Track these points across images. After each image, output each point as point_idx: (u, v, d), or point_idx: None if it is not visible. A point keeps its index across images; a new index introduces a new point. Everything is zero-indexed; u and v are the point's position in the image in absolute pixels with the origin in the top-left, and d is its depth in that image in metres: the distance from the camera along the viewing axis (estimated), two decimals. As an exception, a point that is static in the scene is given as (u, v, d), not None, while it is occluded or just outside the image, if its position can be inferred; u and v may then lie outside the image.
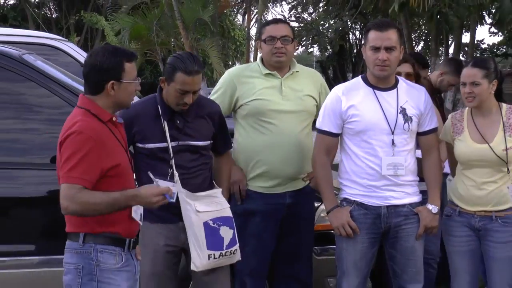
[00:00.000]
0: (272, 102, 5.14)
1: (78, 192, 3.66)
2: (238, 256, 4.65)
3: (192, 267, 4.50)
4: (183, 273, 4.92)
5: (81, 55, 8.03)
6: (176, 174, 4.54)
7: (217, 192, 4.68)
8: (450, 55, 17.93)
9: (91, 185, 3.70)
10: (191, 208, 4.48)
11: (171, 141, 4.60)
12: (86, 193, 3.69)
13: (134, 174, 4.18)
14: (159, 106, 4.65)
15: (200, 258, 4.46)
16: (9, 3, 35.08)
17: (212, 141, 4.78)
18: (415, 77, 5.68)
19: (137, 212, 3.99)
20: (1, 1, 35.09)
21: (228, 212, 4.62)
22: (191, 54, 4.76)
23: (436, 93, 6.63)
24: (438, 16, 12.92)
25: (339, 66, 33.15)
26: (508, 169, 4.85)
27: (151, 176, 4.04)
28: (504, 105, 4.98)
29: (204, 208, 4.53)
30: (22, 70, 5.30)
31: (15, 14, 34.19)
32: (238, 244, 4.61)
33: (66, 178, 3.68)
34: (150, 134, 4.61)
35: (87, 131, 3.73)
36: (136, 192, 3.82)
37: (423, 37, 19.44)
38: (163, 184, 4.22)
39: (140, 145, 4.61)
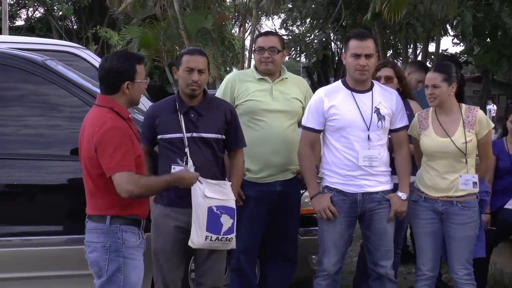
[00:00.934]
0: (263, 103, 5.15)
1: (137, 177, 3.80)
2: (233, 245, 4.58)
3: (189, 243, 4.46)
4: (187, 249, 4.92)
5: (98, 62, 8.01)
6: (190, 161, 4.52)
7: (227, 184, 4.62)
8: (419, 62, 17.94)
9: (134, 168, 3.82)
10: (200, 191, 4.43)
11: (186, 133, 4.60)
12: (144, 178, 3.88)
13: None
14: (176, 103, 4.67)
15: (197, 237, 4.43)
16: (36, 16, 35.05)
17: (224, 136, 4.75)
18: (399, 80, 5.68)
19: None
20: (29, 14, 35.06)
21: (232, 204, 4.56)
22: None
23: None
24: (407, 28, 12.92)
25: (322, 71, 33.30)
26: (466, 160, 4.88)
27: (176, 164, 4.41)
28: (463, 105, 5.00)
29: (212, 194, 4.47)
30: (45, 74, 5.31)
31: (41, 26, 34.15)
32: (235, 234, 4.56)
33: (120, 167, 3.75)
34: (168, 126, 4.63)
35: (121, 127, 3.81)
36: (181, 175, 4.12)
37: (392, 46, 19.49)
38: (178, 169, 4.42)
39: (160, 136, 4.63)
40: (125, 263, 3.85)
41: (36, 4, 32.78)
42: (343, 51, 4.97)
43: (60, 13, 32.80)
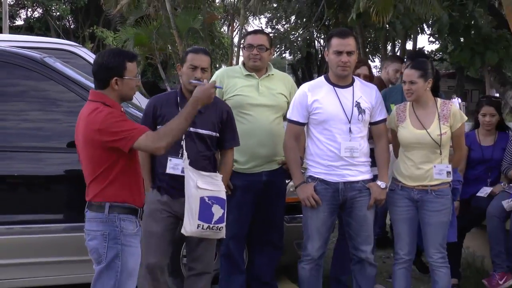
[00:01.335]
0: (250, 98, 5.16)
1: (155, 133, 3.89)
2: (223, 234, 4.61)
3: (182, 231, 4.49)
4: (178, 236, 4.93)
5: (93, 59, 8.00)
6: (185, 153, 4.54)
7: (218, 176, 4.64)
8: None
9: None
10: (193, 182, 4.46)
11: None
12: (160, 129, 3.95)
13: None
14: (178, 97, 4.70)
15: (190, 225, 4.45)
16: (35, 16, 34.89)
17: (218, 134, 4.76)
18: (370, 78, 5.70)
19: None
20: (28, 14, 34.91)
21: (223, 195, 4.59)
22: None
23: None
24: (387, 26, 12.95)
25: (306, 68, 33.35)
26: (440, 151, 4.90)
27: (173, 156, 4.56)
28: (439, 100, 5.02)
29: (204, 185, 4.51)
30: (43, 71, 5.32)
31: (40, 25, 33.97)
32: (225, 223, 4.58)
33: (135, 135, 3.76)
34: (168, 117, 4.53)
35: (115, 108, 3.82)
36: (195, 97, 4.12)
37: (372, 43, 19.52)
38: (176, 161, 4.55)
39: (160, 126, 4.58)
40: (123, 250, 3.85)
41: (34, 5, 32.62)
42: (325, 48, 4.98)
43: (58, 13, 32.66)
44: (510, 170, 6.04)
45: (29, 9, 34.36)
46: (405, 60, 5.95)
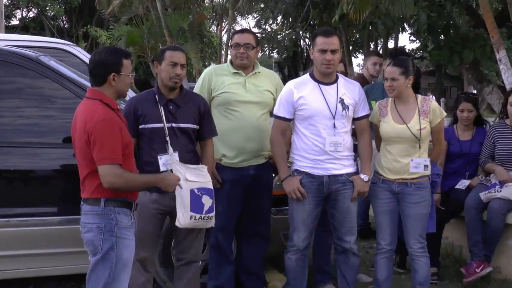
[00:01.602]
0: (237, 95, 5.16)
1: (121, 171, 3.76)
2: (213, 223, 4.63)
3: (176, 223, 4.50)
4: (165, 231, 4.96)
5: (87, 57, 7.97)
6: (171, 148, 4.57)
7: (204, 168, 4.65)
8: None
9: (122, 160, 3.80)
10: (181, 176, 4.44)
11: (166, 123, 4.63)
12: (127, 173, 3.81)
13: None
14: (156, 95, 4.69)
15: (183, 217, 4.47)
16: (30, 16, 34.75)
17: (198, 126, 4.78)
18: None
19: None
20: (24, 14, 34.75)
21: (210, 185, 4.61)
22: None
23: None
24: (370, 26, 12.99)
25: (292, 66, 33.34)
26: (420, 145, 4.92)
27: (162, 154, 4.55)
28: (419, 96, 5.05)
29: (192, 178, 4.52)
30: (38, 69, 5.30)
31: (35, 25, 33.80)
32: (214, 212, 4.60)
33: (107, 160, 3.73)
34: (150, 117, 4.64)
35: (111, 118, 3.78)
36: (164, 177, 4.09)
37: (355, 42, 19.55)
38: (165, 158, 4.53)
39: (142, 126, 4.62)
40: (118, 242, 3.84)
41: (30, 5, 32.46)
42: (311, 47, 4.98)
43: (52, 13, 32.53)
44: (487, 163, 6.07)
45: (24, 9, 34.21)
46: (387, 58, 5.97)
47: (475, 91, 11.18)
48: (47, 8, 32.03)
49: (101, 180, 3.74)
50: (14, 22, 36.16)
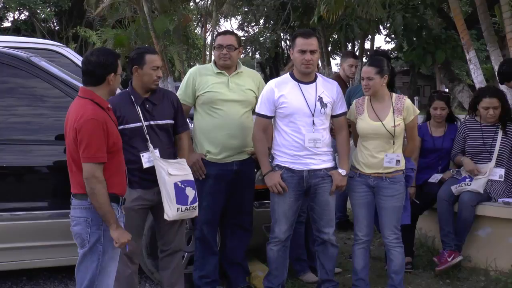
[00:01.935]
0: (221, 94, 5.15)
1: (103, 178, 3.75)
2: (196, 212, 4.68)
3: (165, 217, 4.53)
4: (151, 224, 5.02)
5: (77, 58, 7.96)
6: (151, 146, 4.57)
7: (184, 161, 4.69)
8: (357, 58, 17.99)
9: (106, 159, 3.77)
10: (164, 171, 4.50)
11: (144, 121, 4.63)
12: (104, 190, 3.74)
13: None
14: (131, 96, 4.68)
15: (171, 210, 4.50)
16: (22, 18, 34.53)
17: (174, 121, 4.80)
18: None
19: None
20: (15, 17, 34.53)
21: (191, 177, 4.65)
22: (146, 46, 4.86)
23: (347, 84, 6.70)
24: (347, 28, 13.03)
25: (274, 66, 33.39)
26: (394, 141, 4.94)
27: (144, 151, 4.54)
28: (394, 94, 5.07)
29: (175, 172, 4.56)
30: (30, 69, 5.29)
31: (26, 27, 33.59)
32: (197, 202, 4.64)
33: (92, 159, 3.72)
34: (128, 117, 4.62)
35: (98, 117, 3.76)
36: (119, 227, 3.85)
37: (333, 43, 19.60)
38: (147, 155, 4.55)
39: (122, 126, 4.56)
40: (105, 235, 3.82)
41: (21, 8, 32.26)
42: (291, 47, 4.98)
43: (43, 16, 32.33)
44: (456, 156, 6.09)
45: (16, 12, 33.98)
46: (367, 59, 5.99)
47: (447, 90, 11.24)
48: (38, 11, 31.82)
49: (84, 174, 3.73)
50: (6, 24, 35.92)
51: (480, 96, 6.09)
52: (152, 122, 4.67)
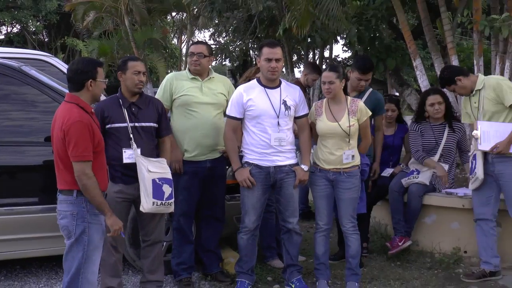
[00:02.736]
0: (195, 97, 5.14)
1: (92, 174, 3.72)
2: (172, 208, 4.67)
3: (141, 209, 4.53)
4: (133, 217, 4.96)
5: (64, 67, 7.86)
6: (134, 144, 4.57)
7: (164, 160, 4.68)
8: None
9: (92, 158, 3.74)
10: (144, 168, 4.50)
11: (129, 122, 4.61)
12: (95, 182, 3.73)
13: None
14: (120, 99, 4.68)
15: (146, 203, 4.49)
16: (14, 31, 34.13)
17: (157, 125, 4.77)
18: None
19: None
20: (8, 30, 34.08)
21: (169, 176, 4.63)
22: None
23: (305, 89, 6.70)
24: (309, 38, 13.06)
25: (243, 72, 33.29)
26: (349, 140, 4.95)
27: (126, 148, 4.52)
28: (349, 98, 5.09)
29: (154, 169, 4.54)
30: (21, 77, 5.25)
31: (18, 39, 33.16)
32: (173, 199, 4.62)
33: (80, 157, 3.68)
34: (115, 118, 4.62)
35: (84, 120, 3.72)
36: (113, 215, 3.86)
37: (296, 52, 19.62)
38: (129, 152, 4.54)
39: (109, 126, 4.60)
40: (89, 227, 3.79)
41: (13, 22, 31.86)
42: (258, 56, 4.97)
43: (34, 29, 31.94)
44: (425, 158, 5.99)
45: (9, 26, 33.49)
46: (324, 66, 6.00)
47: (397, 93, 11.32)
48: (29, 24, 31.40)
49: (75, 173, 3.70)
50: (0, 37, 35.43)
51: (425, 95, 6.15)
52: (136, 124, 4.65)
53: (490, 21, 6.52)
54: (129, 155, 4.58)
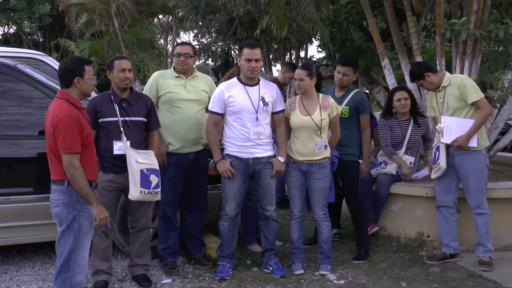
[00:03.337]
0: (179, 94, 5.13)
1: (79, 165, 3.69)
2: (159, 196, 4.66)
3: (129, 196, 4.53)
4: (122, 205, 4.93)
5: (57, 65, 7.75)
6: (124, 137, 4.56)
7: (152, 152, 4.66)
8: (293, 65, 17.98)
9: (80, 150, 3.71)
10: (133, 159, 4.49)
11: (120, 117, 4.61)
12: (82, 173, 3.70)
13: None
14: (111, 95, 4.68)
15: (135, 192, 4.49)
16: (10, 32, 33.68)
17: (146, 119, 4.76)
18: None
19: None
20: (5, 31, 33.64)
21: (156, 167, 4.62)
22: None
23: (282, 86, 6.70)
24: (286, 39, 13.06)
25: (225, 71, 33.24)
26: (321, 133, 4.97)
27: (117, 140, 4.51)
28: (320, 94, 5.11)
29: (142, 160, 4.54)
30: (16, 75, 5.20)
31: (15, 39, 32.77)
32: (160, 188, 4.61)
33: (68, 149, 3.66)
34: (106, 112, 4.62)
35: (73, 115, 3.69)
36: (99, 205, 3.83)
37: (274, 52, 19.63)
38: (119, 144, 4.52)
39: (101, 120, 4.60)
40: (80, 215, 3.77)
41: (9, 23, 31.46)
42: (239, 56, 4.96)
43: (29, 29, 31.59)
44: (393, 154, 6.05)
45: (6, 26, 33.07)
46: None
47: (367, 91, 11.37)
48: (23, 26, 31.03)
49: (63, 164, 3.69)
50: (-3, 37, 35.05)
51: (393, 92, 6.21)
52: (127, 118, 4.65)
53: (451, 25, 6.57)
54: (119, 147, 4.57)
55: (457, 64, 6.97)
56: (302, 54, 16.54)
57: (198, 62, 25.74)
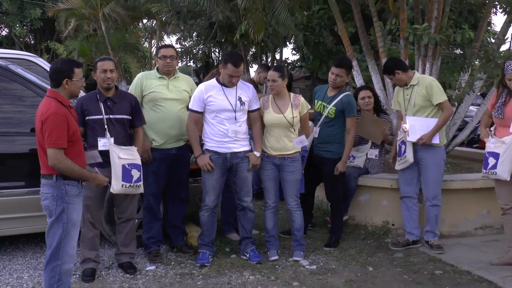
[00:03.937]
0: (162, 94, 5.12)
1: (64, 157, 3.65)
2: (141, 190, 4.61)
3: (111, 190, 4.48)
4: (109, 197, 4.90)
5: (47, 66, 7.67)
6: (108, 134, 4.54)
7: (134, 148, 4.62)
8: (270, 66, 18.01)
9: (66, 146, 3.67)
10: (116, 154, 4.46)
11: (104, 115, 4.58)
12: (69, 161, 3.67)
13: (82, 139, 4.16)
14: (97, 95, 4.65)
15: (116, 185, 4.45)
16: (3, 34, 33.16)
17: (130, 117, 4.73)
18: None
19: (95, 159, 4.29)
20: (-3, 34, 33.15)
21: (139, 162, 4.58)
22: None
23: (257, 86, 6.72)
24: (263, 43, 13.08)
25: (206, 73, 33.09)
26: (293, 129, 5.00)
27: (101, 137, 4.49)
28: (291, 94, 5.13)
29: (124, 156, 4.50)
30: (7, 75, 5.14)
31: (7, 41, 32.30)
32: (142, 182, 4.57)
33: (54, 144, 3.62)
34: (92, 110, 4.60)
35: (60, 112, 3.66)
36: (96, 176, 3.92)
37: (252, 55, 19.65)
38: (104, 141, 4.50)
39: (87, 117, 4.59)
40: (68, 207, 3.73)
41: (1, 26, 30.98)
42: (223, 63, 4.91)
43: (19, 34, 31.16)
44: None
45: (-2, 29, 32.60)
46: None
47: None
48: (14, 29, 30.57)
49: (48, 160, 3.65)
50: (-10, 39, 34.47)
51: (358, 91, 6.27)
52: (111, 116, 4.61)
53: (414, 30, 6.66)
54: (104, 143, 4.54)
55: (419, 65, 7.06)
56: (278, 56, 16.56)
57: (181, 64, 25.65)
